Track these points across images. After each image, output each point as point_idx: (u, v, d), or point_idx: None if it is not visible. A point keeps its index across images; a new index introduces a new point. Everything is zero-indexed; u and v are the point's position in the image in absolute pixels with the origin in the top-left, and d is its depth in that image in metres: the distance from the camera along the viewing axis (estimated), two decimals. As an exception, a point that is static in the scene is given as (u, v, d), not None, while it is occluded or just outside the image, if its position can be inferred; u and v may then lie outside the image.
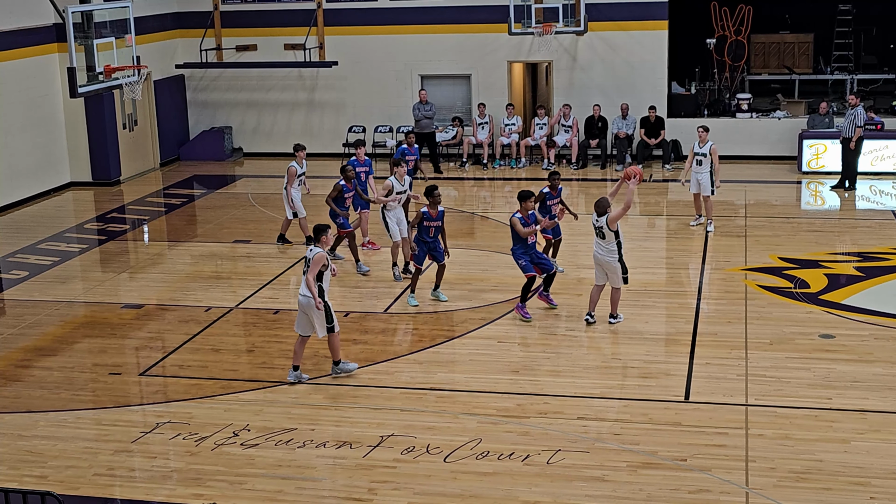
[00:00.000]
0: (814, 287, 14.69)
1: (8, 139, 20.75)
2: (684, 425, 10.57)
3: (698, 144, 17.40)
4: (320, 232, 11.54)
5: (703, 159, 17.29)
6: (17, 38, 20.78)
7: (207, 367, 12.57)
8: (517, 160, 23.38)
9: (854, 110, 20.18)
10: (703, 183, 17.40)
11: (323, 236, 11.53)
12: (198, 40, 24.65)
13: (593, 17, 22.82)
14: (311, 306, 11.43)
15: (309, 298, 11.41)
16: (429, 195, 14.01)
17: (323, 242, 11.54)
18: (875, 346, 12.49)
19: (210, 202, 21.35)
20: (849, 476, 9.45)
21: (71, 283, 15.98)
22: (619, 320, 13.41)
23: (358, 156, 16.90)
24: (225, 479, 9.76)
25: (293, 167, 16.80)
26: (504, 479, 9.59)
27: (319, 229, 11.56)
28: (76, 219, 20.39)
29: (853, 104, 20.37)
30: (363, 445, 10.29)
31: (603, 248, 13.15)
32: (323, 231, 11.54)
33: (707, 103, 24.37)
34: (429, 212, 13.96)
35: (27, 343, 13.57)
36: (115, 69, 17.29)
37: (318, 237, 11.55)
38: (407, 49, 24.19)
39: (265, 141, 25.29)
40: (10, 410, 11.47)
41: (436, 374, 12.09)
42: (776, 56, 26.15)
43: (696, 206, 17.79)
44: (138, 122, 23.81)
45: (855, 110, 20.16)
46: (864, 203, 19.76)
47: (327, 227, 11.62)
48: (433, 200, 13.98)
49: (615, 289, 13.27)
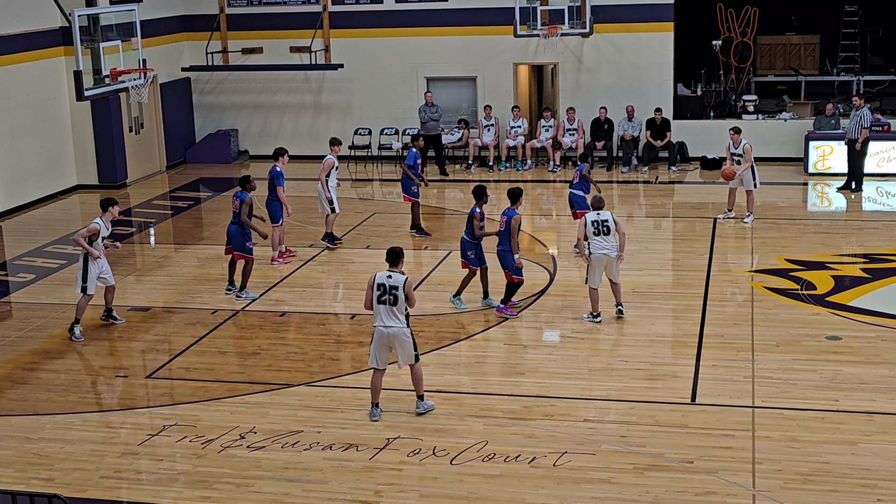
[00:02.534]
0: (820, 289, 14.66)
1: (15, 142, 20.79)
2: (691, 427, 10.55)
3: (732, 145, 18.08)
4: (397, 257, 10.80)
5: (741, 159, 17.93)
6: (23, 41, 20.83)
7: (214, 369, 12.58)
8: (523, 162, 23.38)
9: (860, 111, 20.17)
10: (744, 178, 17.93)
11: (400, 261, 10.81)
12: (204, 43, 24.69)
13: (599, 19, 22.82)
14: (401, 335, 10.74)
15: (403, 328, 10.73)
16: (481, 195, 13.92)
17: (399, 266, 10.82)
18: (882, 348, 12.47)
19: (216, 205, 21.37)
20: (856, 478, 9.43)
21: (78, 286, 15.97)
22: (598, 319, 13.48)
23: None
24: (231, 481, 9.77)
25: (330, 158, 17.09)
26: (510, 482, 9.59)
27: (396, 254, 10.81)
28: (83, 222, 20.34)
29: (858, 105, 20.35)
30: (369, 448, 10.30)
31: (607, 244, 13.17)
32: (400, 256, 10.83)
33: (713, 105, 24.34)
34: (481, 212, 13.89)
35: (34, 346, 13.59)
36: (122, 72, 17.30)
37: (395, 262, 10.79)
38: (413, 51, 24.21)
39: (271, 143, 25.22)
40: (17, 413, 11.49)
41: (442, 376, 12.09)
42: (782, 57, 26.11)
43: (730, 200, 18.28)
44: (144, 125, 23.85)
45: (860, 111, 20.15)
46: (871, 205, 19.72)
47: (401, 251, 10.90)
48: (484, 201, 13.90)
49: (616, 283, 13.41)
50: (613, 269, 13.34)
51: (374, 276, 10.75)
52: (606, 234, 13.19)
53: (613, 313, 13.62)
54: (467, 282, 14.27)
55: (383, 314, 10.66)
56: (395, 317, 10.65)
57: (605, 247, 13.24)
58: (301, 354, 12.91)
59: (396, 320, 10.65)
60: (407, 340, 10.72)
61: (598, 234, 13.24)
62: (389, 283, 10.65)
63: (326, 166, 17.07)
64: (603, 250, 13.24)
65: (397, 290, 10.61)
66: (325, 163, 17.12)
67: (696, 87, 24.64)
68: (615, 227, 13.27)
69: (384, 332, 10.68)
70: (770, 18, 25.33)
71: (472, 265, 14.10)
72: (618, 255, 13.26)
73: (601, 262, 13.31)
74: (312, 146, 24.67)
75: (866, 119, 20.12)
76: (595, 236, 13.26)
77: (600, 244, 13.25)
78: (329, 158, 17.13)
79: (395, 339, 10.70)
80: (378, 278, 10.70)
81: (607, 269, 13.35)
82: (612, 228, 13.23)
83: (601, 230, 13.22)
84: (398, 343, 10.73)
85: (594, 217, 13.29)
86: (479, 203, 13.98)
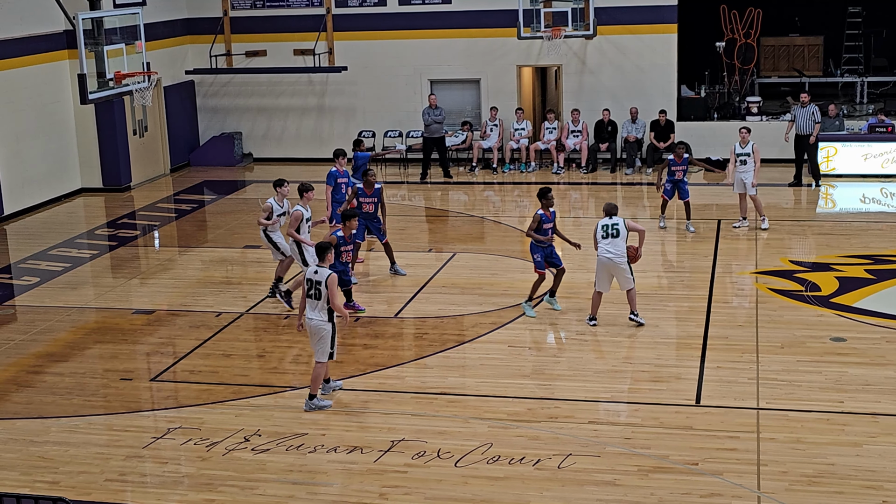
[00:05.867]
0: (825, 290, 14.65)
1: (19, 146, 20.82)
2: (695, 429, 10.55)
3: (739, 145, 17.66)
4: (324, 251, 11.25)
5: (748, 159, 17.57)
6: (27, 44, 20.86)
7: (218, 372, 12.59)
8: (527, 164, 23.38)
9: (807, 108, 20.57)
10: (747, 182, 17.62)
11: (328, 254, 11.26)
12: (207, 46, 24.72)
13: (602, 21, 22.81)
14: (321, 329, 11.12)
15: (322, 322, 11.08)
16: (543, 197, 13.83)
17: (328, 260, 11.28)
18: (887, 349, 12.45)
19: (220, 207, 21.39)
20: (861, 480, 9.41)
21: (82, 289, 16.02)
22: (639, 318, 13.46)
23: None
24: (236, 484, 9.77)
25: (298, 210, 14.35)
26: (515, 484, 9.58)
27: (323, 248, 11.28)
28: (87, 225, 20.44)
29: (805, 102, 20.72)
30: (374, 450, 10.30)
31: (616, 250, 13.15)
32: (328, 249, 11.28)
33: (717, 106, 24.34)
34: (545, 214, 13.84)
35: (39, 349, 13.60)
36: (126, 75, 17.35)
37: (323, 257, 11.24)
38: (416, 54, 24.22)
39: (275, 146, 25.34)
40: (22, 416, 11.50)
41: (446, 378, 12.09)
42: (786, 59, 26.12)
43: (742, 207, 17.95)
44: (148, 128, 23.87)
45: (808, 108, 20.57)
46: (875, 206, 19.70)
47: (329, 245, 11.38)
48: (547, 202, 13.80)
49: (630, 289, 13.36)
50: (621, 276, 13.29)
51: (305, 272, 11.37)
52: (615, 238, 13.19)
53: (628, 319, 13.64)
54: (537, 286, 14.06)
55: (309, 307, 11.15)
56: (316, 310, 11.05)
57: (609, 250, 13.23)
58: (305, 357, 12.90)
59: (316, 313, 11.05)
60: (325, 336, 11.10)
61: (605, 238, 13.27)
62: (315, 277, 11.06)
63: (295, 219, 14.26)
64: (607, 254, 13.24)
65: (321, 285, 10.98)
66: (293, 215, 14.28)
67: (700, 88, 24.65)
68: (626, 233, 13.20)
69: (308, 324, 11.17)
70: (773, 20, 25.34)
71: (538, 268, 13.96)
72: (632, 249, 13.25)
73: (605, 266, 13.30)
74: (316, 149, 24.67)
75: (818, 114, 20.55)
76: (603, 239, 13.27)
77: (605, 247, 13.26)
78: (297, 210, 14.33)
79: (314, 330, 11.12)
80: (307, 273, 11.23)
81: (616, 276, 13.31)
82: (623, 233, 13.18)
83: (610, 233, 13.24)
84: (315, 335, 11.16)
85: (606, 222, 13.29)
86: (543, 205, 13.83)
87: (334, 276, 11.03)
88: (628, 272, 13.25)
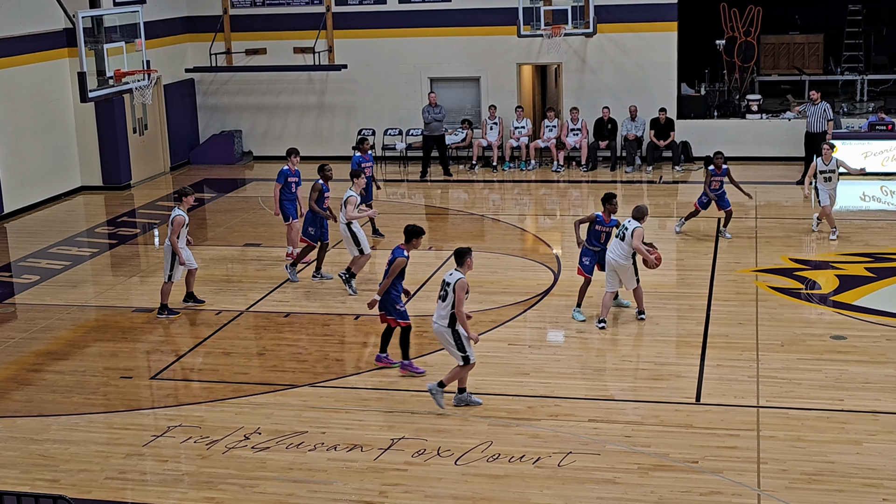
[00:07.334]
0: (825, 288, 14.65)
1: (19, 144, 20.82)
2: (696, 427, 10.55)
3: (823, 162, 16.75)
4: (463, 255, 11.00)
5: (832, 175, 16.75)
6: (27, 43, 20.86)
7: (218, 370, 12.59)
8: (527, 162, 23.38)
9: (818, 105, 20.56)
10: (834, 196, 16.88)
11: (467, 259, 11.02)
12: (207, 44, 24.71)
13: (602, 19, 22.80)
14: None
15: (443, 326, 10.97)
16: (607, 202, 13.59)
17: (467, 266, 11.04)
18: (887, 347, 12.46)
19: (220, 206, 21.39)
20: (861, 477, 9.42)
21: (82, 288, 16.03)
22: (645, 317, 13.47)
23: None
24: (236, 482, 9.78)
25: (180, 216, 14.23)
26: (515, 482, 9.58)
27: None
28: (87, 223, 20.44)
29: (816, 100, 20.70)
30: (374, 448, 10.30)
31: (620, 251, 13.17)
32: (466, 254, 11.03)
33: (717, 104, 24.33)
34: (602, 217, 13.63)
35: (39, 347, 13.60)
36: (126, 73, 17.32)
37: (462, 262, 10.97)
38: (416, 52, 24.22)
39: (275, 144, 25.31)
40: (22, 414, 11.51)
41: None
42: (786, 57, 26.09)
43: (829, 220, 16.94)
44: (148, 127, 23.87)
45: (819, 105, 20.56)
46: (875, 204, 19.70)
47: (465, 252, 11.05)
48: (609, 208, 13.53)
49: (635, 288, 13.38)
50: (624, 275, 13.34)
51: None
52: (622, 240, 13.21)
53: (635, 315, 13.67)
54: (584, 290, 13.91)
55: (436, 309, 11.09)
56: (440, 314, 10.98)
57: (613, 249, 13.28)
58: (305, 355, 12.92)
59: (440, 318, 10.99)
60: (448, 340, 11.01)
61: (617, 237, 13.34)
62: (447, 279, 11.00)
63: (177, 225, 14.19)
64: (611, 253, 13.29)
65: (449, 286, 10.89)
66: (174, 221, 14.21)
67: (700, 86, 24.63)
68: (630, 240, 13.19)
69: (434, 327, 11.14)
70: (774, 18, 25.30)
71: (586, 272, 13.80)
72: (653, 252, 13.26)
73: (610, 266, 13.35)
74: (316, 147, 24.68)
75: (829, 111, 20.48)
76: (615, 237, 13.34)
77: (611, 247, 13.32)
78: (178, 216, 14.23)
79: (437, 335, 11.12)
80: (445, 275, 11.10)
81: (620, 276, 13.34)
82: (628, 239, 13.17)
83: (620, 234, 13.27)
84: (441, 340, 11.15)
85: (625, 223, 13.28)
86: (605, 209, 13.58)
87: (463, 282, 10.84)
88: (632, 272, 13.29)
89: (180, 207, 14.47)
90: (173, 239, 14.21)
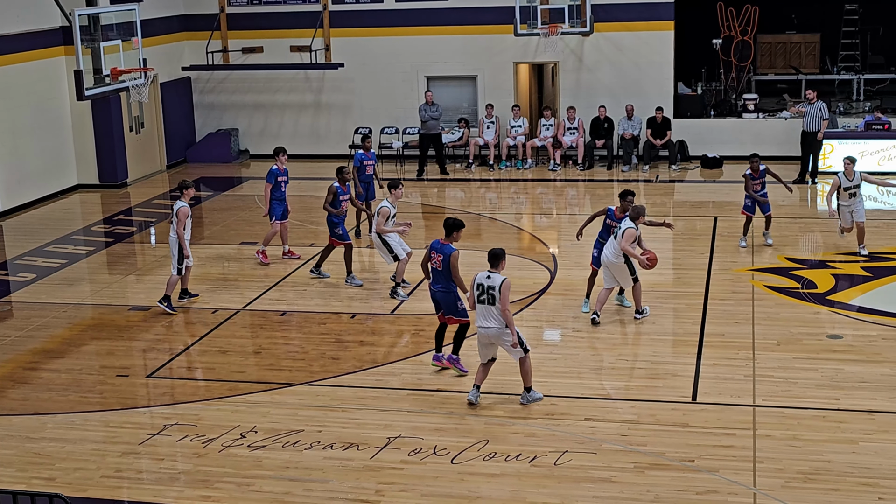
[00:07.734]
0: (821, 287, 14.66)
1: (15, 142, 20.80)
2: (692, 426, 10.56)
3: (846, 177, 15.87)
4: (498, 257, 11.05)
5: (857, 190, 15.92)
6: (24, 41, 20.84)
7: (215, 368, 12.59)
8: (523, 161, 23.38)
9: (815, 105, 20.61)
10: (860, 211, 16.08)
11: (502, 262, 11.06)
12: (204, 42, 24.69)
13: (599, 18, 22.81)
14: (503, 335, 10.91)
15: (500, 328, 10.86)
16: (623, 198, 13.53)
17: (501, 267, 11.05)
18: (883, 347, 12.47)
19: (217, 204, 21.38)
20: (857, 477, 9.43)
21: (78, 286, 16.01)
22: (645, 315, 13.49)
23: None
24: (232, 480, 9.77)
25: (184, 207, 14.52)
26: (511, 481, 9.59)
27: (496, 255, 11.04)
28: (83, 221, 20.42)
29: (812, 99, 20.73)
30: (370, 447, 10.30)
31: (612, 249, 13.19)
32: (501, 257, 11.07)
33: (713, 104, 24.35)
34: (614, 212, 13.64)
35: (35, 345, 13.59)
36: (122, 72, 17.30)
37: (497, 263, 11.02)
38: (413, 51, 24.21)
39: (272, 143, 25.14)
40: (18, 413, 11.50)
41: (443, 375, 12.09)
42: (782, 56, 26.11)
43: (860, 237, 16.13)
44: (145, 125, 23.85)
45: (816, 105, 20.61)
46: (872, 203, 19.69)
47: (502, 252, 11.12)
48: (623, 205, 13.45)
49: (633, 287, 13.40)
50: (619, 274, 13.35)
51: (476, 277, 11.03)
52: (615, 238, 13.23)
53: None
54: (592, 282, 14.01)
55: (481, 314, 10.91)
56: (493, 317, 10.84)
57: (607, 247, 13.33)
58: (302, 353, 12.92)
59: (493, 321, 10.84)
60: (507, 339, 10.89)
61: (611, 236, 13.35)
62: (488, 283, 10.88)
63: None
64: (606, 250, 13.34)
65: (494, 290, 10.80)
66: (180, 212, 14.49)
67: (697, 85, 24.65)
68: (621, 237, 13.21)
69: (482, 333, 10.97)
70: (770, 17, 25.33)
71: (594, 264, 13.89)
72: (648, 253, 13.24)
73: (604, 263, 13.38)
74: (313, 146, 24.69)
75: (825, 110, 20.52)
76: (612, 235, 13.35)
77: (607, 244, 13.37)
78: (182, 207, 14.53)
79: (494, 338, 10.95)
80: (478, 278, 10.96)
81: (614, 274, 13.36)
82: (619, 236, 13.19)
83: (615, 233, 13.28)
84: (499, 342, 10.97)
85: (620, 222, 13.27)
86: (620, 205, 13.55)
87: (508, 282, 10.88)
88: (625, 271, 13.27)
89: (182, 199, 14.48)
90: (179, 230, 14.28)
